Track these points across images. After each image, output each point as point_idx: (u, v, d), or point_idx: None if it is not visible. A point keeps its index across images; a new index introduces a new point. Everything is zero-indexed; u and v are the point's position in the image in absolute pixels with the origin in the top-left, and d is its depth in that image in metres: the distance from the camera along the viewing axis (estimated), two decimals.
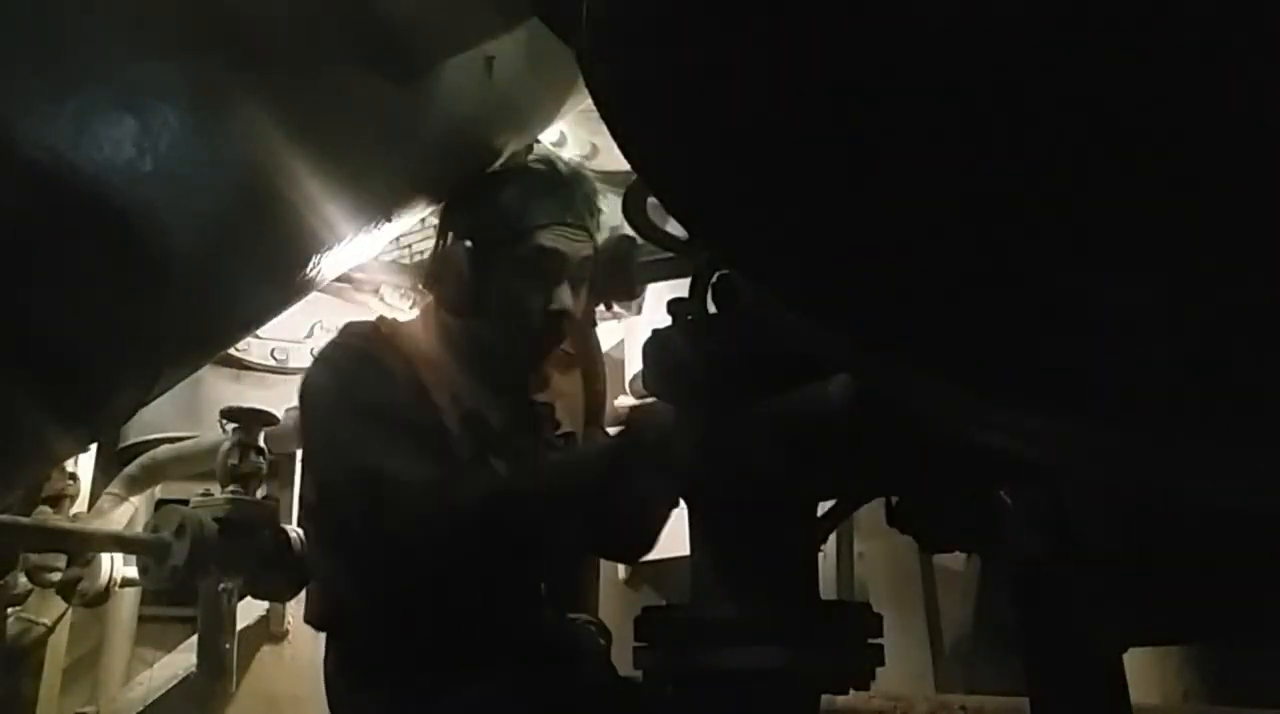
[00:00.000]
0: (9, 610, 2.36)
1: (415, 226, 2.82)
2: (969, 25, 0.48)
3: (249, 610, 2.45)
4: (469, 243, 1.42)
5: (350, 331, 1.46)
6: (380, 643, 1.34)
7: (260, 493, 2.01)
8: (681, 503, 1.11)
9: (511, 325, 1.43)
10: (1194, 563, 0.85)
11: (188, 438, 2.70)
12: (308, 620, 1.46)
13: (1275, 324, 0.47)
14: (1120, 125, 0.47)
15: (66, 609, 2.43)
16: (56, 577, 2.19)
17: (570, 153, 2.51)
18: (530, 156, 1.57)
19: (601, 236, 1.52)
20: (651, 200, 1.28)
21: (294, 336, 3.08)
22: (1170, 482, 0.66)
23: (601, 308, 1.71)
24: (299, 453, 2.63)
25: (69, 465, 2.35)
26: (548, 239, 1.41)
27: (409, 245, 3.42)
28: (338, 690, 1.38)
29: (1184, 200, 0.47)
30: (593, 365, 1.72)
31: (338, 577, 1.39)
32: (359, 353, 1.40)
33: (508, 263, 1.41)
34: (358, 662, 1.36)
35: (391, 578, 1.28)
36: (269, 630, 2.61)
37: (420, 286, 1.62)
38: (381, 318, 1.52)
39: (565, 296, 1.42)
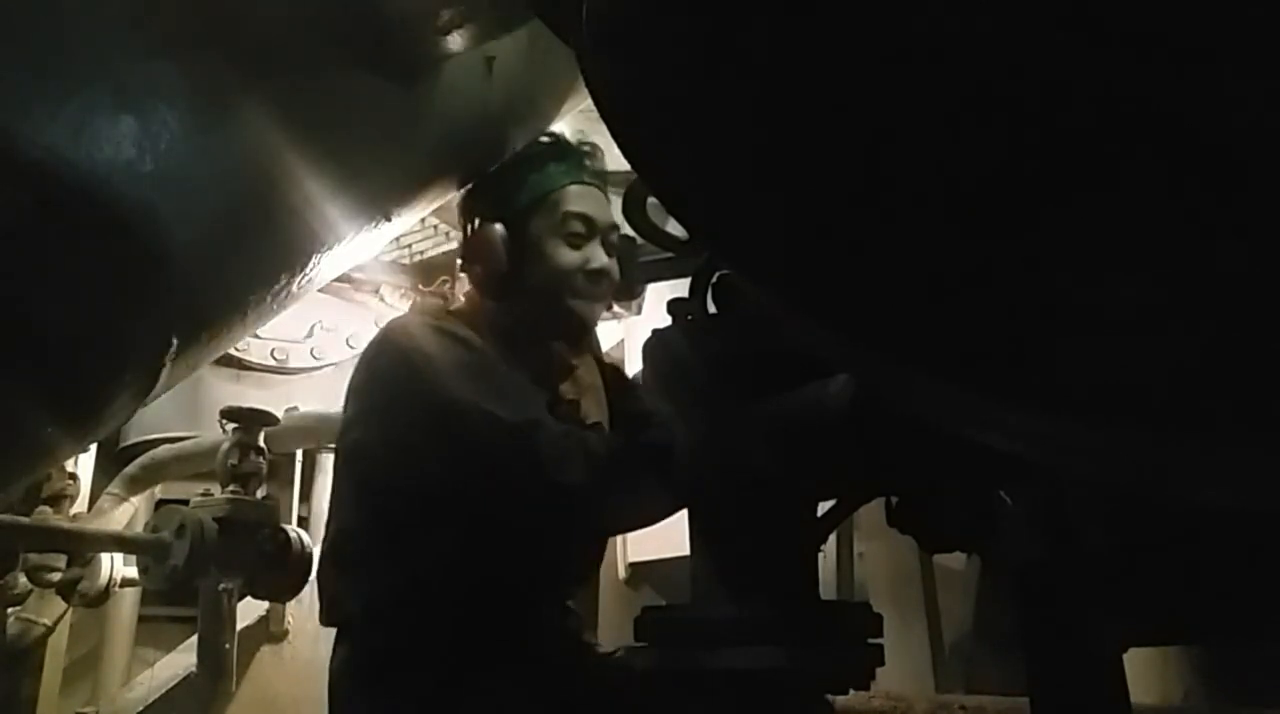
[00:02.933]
0: (9, 610, 2.36)
1: (415, 226, 2.83)
2: (969, 20, 0.48)
3: (249, 610, 2.46)
4: (498, 221, 1.44)
5: (417, 311, 1.51)
6: (410, 636, 1.31)
7: (260, 493, 2.01)
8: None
9: (553, 295, 1.43)
10: (1193, 563, 0.85)
11: (188, 438, 2.71)
12: (325, 620, 1.43)
13: (1275, 323, 0.47)
14: (1120, 121, 0.47)
15: (66, 609, 2.43)
16: (56, 577, 2.19)
17: None
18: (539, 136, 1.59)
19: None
20: (651, 200, 1.28)
21: (294, 336, 3.09)
22: (1169, 482, 0.66)
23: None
24: (299, 454, 2.63)
25: (69, 465, 2.35)
26: (574, 202, 1.44)
27: (409, 245, 3.42)
28: (345, 690, 1.36)
29: (1184, 198, 0.47)
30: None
31: (402, 556, 1.34)
32: (434, 329, 1.40)
33: (540, 232, 1.43)
34: (376, 659, 1.33)
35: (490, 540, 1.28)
36: (269, 630, 2.61)
37: (458, 270, 1.62)
38: (431, 299, 1.52)
39: (601, 255, 1.44)
